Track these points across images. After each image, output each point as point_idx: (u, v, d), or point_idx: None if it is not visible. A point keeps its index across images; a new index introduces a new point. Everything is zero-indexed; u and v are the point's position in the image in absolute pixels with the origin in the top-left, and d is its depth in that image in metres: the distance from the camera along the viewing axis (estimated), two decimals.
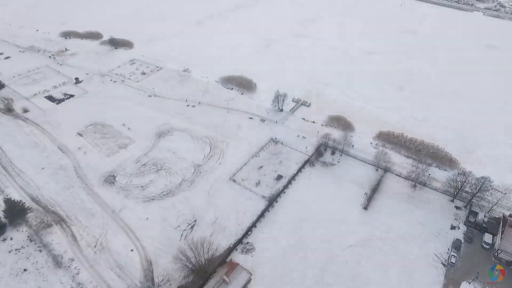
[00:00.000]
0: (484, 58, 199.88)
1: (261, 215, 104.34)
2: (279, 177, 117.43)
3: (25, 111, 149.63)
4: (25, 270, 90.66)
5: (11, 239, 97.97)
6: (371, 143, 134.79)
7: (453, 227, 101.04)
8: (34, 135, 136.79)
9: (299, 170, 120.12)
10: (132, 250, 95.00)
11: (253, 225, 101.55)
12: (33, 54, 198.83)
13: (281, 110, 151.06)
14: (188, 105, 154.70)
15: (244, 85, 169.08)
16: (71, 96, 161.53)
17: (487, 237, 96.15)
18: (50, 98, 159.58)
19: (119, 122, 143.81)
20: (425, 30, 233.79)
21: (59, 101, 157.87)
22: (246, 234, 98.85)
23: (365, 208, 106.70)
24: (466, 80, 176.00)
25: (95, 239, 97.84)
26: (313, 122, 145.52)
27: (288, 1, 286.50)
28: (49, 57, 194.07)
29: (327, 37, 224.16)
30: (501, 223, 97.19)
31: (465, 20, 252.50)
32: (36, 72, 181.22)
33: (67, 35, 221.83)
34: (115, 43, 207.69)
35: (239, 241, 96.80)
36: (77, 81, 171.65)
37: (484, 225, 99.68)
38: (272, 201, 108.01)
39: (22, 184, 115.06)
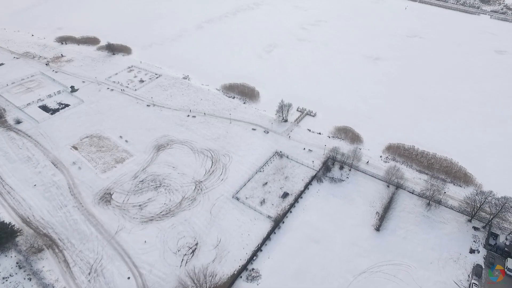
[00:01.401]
0: (493, 63, 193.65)
1: (267, 237, 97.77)
2: (285, 195, 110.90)
3: (18, 122, 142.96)
4: None
5: None
6: (380, 156, 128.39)
7: (472, 251, 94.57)
8: (26, 148, 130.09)
9: (306, 187, 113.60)
10: (129, 278, 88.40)
11: (259, 248, 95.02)
12: (27, 60, 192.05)
13: (286, 121, 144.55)
14: (188, 115, 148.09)
15: (246, 93, 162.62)
16: (66, 105, 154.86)
17: (511, 263, 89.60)
18: (44, 108, 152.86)
19: (116, 134, 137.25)
20: (432, 35, 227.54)
21: (53, 111, 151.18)
22: (251, 259, 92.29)
23: (377, 229, 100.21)
24: (475, 87, 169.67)
25: (89, 266, 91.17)
26: (319, 133, 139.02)
27: (289, 5, 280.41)
28: (46, 64, 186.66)
29: (331, 41, 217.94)
30: None
31: (472, 24, 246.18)
32: (30, 80, 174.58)
33: (63, 40, 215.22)
34: (112, 49, 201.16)
35: (244, 268, 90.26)
36: (73, 89, 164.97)
37: (506, 248, 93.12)
38: (278, 222, 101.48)
39: (13, 203, 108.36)
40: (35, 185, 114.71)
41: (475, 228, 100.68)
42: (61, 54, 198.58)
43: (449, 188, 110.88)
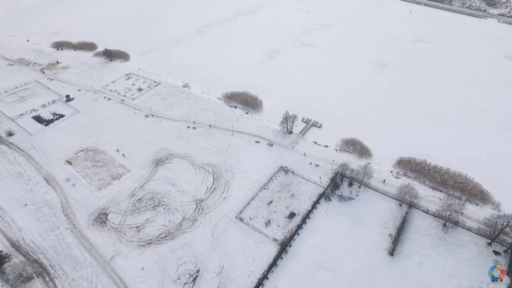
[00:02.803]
0: (504, 70, 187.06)
1: (273, 263, 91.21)
2: (292, 215, 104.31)
3: (10, 134, 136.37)
4: None
5: None
6: (391, 171, 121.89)
7: (494, 278, 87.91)
8: (18, 163, 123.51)
9: (314, 206, 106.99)
10: None
11: (265, 276, 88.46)
12: (21, 68, 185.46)
13: (290, 132, 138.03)
14: (188, 127, 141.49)
15: (248, 102, 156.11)
16: (61, 116, 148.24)
17: None
18: (38, 119, 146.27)
19: (113, 147, 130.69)
20: (438, 39, 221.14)
21: (47, 122, 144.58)
22: None
23: (391, 253, 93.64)
24: (487, 96, 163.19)
25: None
26: (326, 146, 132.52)
27: (291, 8, 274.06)
28: (42, 72, 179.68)
29: (335, 47, 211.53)
30: None
31: (479, 28, 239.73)
32: (24, 88, 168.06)
33: (59, 46, 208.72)
34: (110, 55, 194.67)
35: None
36: (68, 98, 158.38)
37: None
38: (285, 245, 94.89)
39: (1, 225, 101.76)
40: (26, 204, 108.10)
41: (496, 253, 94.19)
42: (57, 61, 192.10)
43: (467, 208, 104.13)
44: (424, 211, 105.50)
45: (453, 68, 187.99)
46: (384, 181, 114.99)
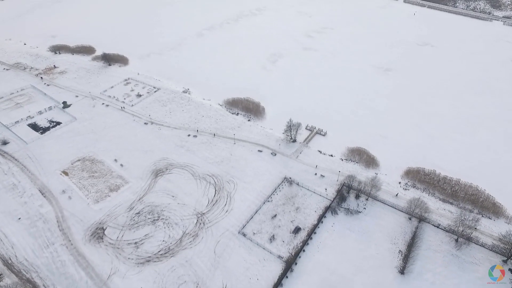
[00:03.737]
0: (511, 74, 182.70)
1: (279, 283, 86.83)
2: (297, 230, 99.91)
3: (5, 143, 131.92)
4: None
5: None
6: (399, 182, 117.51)
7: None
8: (12, 174, 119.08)
9: (320, 220, 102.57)
10: None
11: None
12: (18, 72, 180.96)
13: (294, 141, 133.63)
14: (188, 135, 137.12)
15: (251, 109, 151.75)
16: (58, 123, 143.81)
17: None
18: (34, 127, 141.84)
19: (111, 156, 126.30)
20: (444, 43, 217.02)
21: (43, 130, 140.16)
22: None
23: (402, 272, 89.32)
24: (497, 102, 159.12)
25: None
26: (331, 155, 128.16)
27: (293, 10, 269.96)
28: (41, 78, 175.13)
29: (338, 50, 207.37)
30: None
31: (485, 31, 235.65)
32: (20, 94, 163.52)
33: (56, 49, 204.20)
34: (108, 59, 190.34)
35: None
36: (65, 105, 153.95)
37: None
38: (290, 263, 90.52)
39: None
40: (19, 218, 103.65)
41: None
42: (54, 65, 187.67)
43: (481, 223, 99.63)
44: (435, 226, 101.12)
45: (459, 72, 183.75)
46: (397, 195, 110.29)
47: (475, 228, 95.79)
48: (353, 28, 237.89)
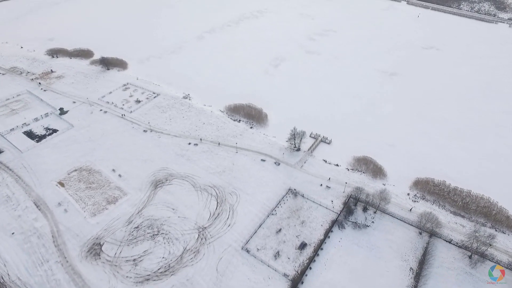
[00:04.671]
0: None
1: None
2: (303, 246, 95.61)
3: None
4: None
5: None
6: (408, 193, 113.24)
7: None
8: (6, 185, 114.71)
9: (327, 235, 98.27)
10: None
11: None
12: (14, 77, 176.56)
13: (298, 149, 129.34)
14: (189, 143, 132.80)
15: (253, 115, 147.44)
16: (54, 131, 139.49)
17: None
18: (30, 134, 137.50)
19: (109, 166, 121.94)
20: (449, 46, 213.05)
21: (39, 138, 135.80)
22: None
23: None
24: (506, 108, 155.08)
25: None
26: (337, 165, 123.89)
27: (295, 12, 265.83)
28: (38, 83, 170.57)
29: (342, 54, 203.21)
30: None
31: (491, 34, 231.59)
32: (16, 100, 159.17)
33: (54, 53, 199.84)
34: (106, 63, 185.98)
35: None
36: (62, 111, 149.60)
37: None
38: (296, 282, 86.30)
39: None
40: (13, 233, 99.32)
41: None
42: (51, 70, 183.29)
43: (496, 240, 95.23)
44: (447, 241, 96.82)
45: (466, 77, 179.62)
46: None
47: (490, 245, 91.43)
48: (356, 31, 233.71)
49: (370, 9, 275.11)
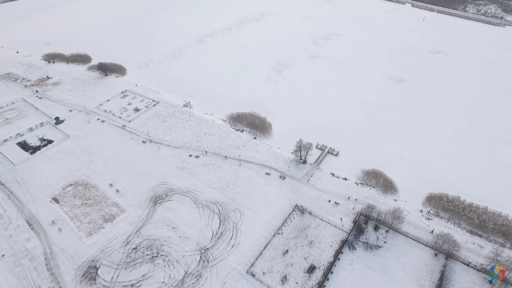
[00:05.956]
0: None
1: None
2: (312, 269, 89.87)
3: None
4: None
5: None
6: (421, 210, 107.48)
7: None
8: None
9: (337, 257, 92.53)
10: None
11: None
12: (8, 84, 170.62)
13: (304, 162, 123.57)
14: (190, 155, 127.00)
15: (256, 125, 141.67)
16: (49, 142, 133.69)
17: None
18: (23, 146, 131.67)
19: (106, 181, 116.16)
20: (457, 50, 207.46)
21: (34, 149, 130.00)
22: None
23: None
24: None
25: None
26: (345, 179, 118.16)
27: (297, 15, 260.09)
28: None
29: (347, 59, 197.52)
30: None
31: (499, 37, 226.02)
32: (10, 108, 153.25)
33: (50, 58, 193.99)
34: (104, 69, 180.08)
35: None
36: (58, 121, 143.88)
37: None
38: None
39: None
40: (3, 255, 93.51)
41: None
42: (47, 76, 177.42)
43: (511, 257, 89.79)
44: (465, 264, 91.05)
45: (476, 83, 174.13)
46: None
47: None
48: (360, 34, 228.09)
49: (374, 11, 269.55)
